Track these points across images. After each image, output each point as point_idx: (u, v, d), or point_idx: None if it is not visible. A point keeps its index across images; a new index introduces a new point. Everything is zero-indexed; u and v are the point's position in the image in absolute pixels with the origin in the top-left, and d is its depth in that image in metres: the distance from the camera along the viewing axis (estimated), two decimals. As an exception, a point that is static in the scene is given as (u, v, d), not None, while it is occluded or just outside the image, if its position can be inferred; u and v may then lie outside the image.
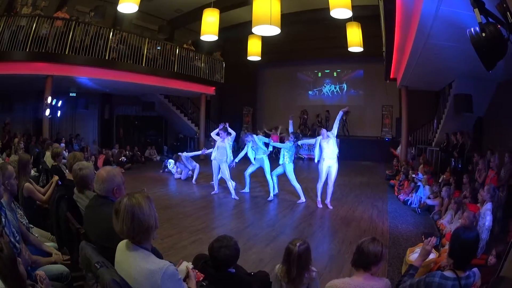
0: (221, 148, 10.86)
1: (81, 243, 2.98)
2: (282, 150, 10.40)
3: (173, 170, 14.64)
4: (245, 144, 11.05)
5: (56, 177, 5.81)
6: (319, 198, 9.99)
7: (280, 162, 10.36)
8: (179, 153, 14.12)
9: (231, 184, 10.95)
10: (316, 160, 9.83)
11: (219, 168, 11.04)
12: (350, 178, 14.86)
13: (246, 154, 11.06)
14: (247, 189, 11.54)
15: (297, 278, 3.36)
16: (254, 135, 11.04)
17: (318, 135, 10.06)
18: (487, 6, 3.57)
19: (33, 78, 13.51)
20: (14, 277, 2.63)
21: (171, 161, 14.95)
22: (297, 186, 10.46)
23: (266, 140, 11.23)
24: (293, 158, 10.45)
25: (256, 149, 10.87)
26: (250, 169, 11.24)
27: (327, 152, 9.63)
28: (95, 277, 2.58)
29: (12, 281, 2.61)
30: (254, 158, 10.96)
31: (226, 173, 10.83)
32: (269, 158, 10.99)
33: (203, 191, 11.77)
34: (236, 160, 11.18)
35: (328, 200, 9.83)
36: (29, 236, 4.11)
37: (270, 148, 11.26)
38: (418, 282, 3.06)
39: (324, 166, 9.66)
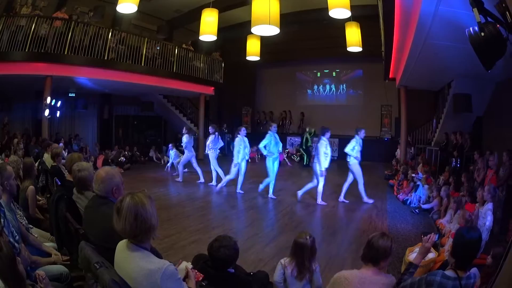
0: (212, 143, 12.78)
1: (80, 244, 2.98)
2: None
3: (174, 158, 15.00)
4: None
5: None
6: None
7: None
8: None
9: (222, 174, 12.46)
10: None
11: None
12: (350, 178, 14.87)
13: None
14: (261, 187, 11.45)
15: (307, 269, 3.42)
16: (275, 133, 10.98)
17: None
18: (486, 6, 3.57)
19: (32, 78, 13.49)
20: (14, 277, 2.64)
21: (172, 152, 15.30)
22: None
23: (279, 143, 11.18)
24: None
25: (268, 144, 10.82)
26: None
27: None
28: (95, 277, 2.58)
29: (12, 280, 2.62)
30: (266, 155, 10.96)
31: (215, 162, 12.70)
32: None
33: (202, 191, 11.79)
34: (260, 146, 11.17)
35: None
36: (29, 236, 4.11)
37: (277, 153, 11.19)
38: (419, 280, 3.06)
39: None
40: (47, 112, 13.92)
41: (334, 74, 25.11)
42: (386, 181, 14.13)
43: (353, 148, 10.35)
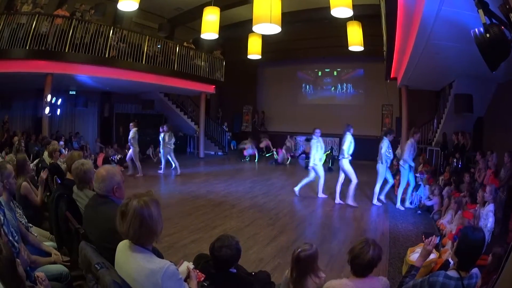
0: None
1: (80, 244, 2.97)
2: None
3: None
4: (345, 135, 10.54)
5: (43, 175, 5.69)
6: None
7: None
8: None
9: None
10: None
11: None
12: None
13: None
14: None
15: (298, 280, 3.32)
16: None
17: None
18: (490, 7, 3.55)
19: (33, 76, 13.44)
20: (13, 278, 2.62)
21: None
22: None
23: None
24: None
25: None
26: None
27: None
28: (95, 278, 2.57)
29: (11, 282, 2.60)
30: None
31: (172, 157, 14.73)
32: None
33: (203, 190, 11.77)
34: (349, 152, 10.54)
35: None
36: (28, 235, 4.09)
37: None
38: (421, 282, 3.06)
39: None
40: (47, 110, 13.88)
41: (335, 73, 24.96)
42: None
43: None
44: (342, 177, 10.50)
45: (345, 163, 10.27)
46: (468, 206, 7.45)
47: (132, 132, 14.05)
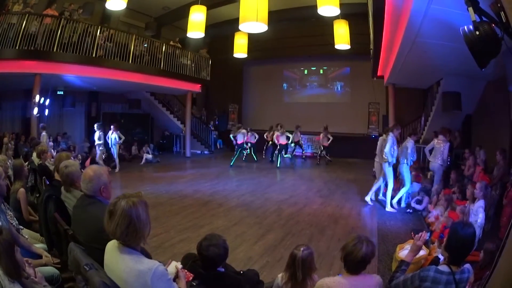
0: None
1: (69, 245, 2.96)
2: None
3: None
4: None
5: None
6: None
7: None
8: None
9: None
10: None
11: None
12: (337, 175, 14.93)
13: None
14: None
15: (302, 281, 3.31)
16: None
17: None
18: (481, 5, 3.56)
19: (21, 77, 13.31)
20: (11, 261, 2.69)
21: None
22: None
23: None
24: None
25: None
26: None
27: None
28: (85, 280, 2.55)
29: (9, 264, 2.67)
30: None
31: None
32: None
33: (190, 189, 11.74)
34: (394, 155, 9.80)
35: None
36: (19, 238, 4.05)
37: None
38: (412, 276, 3.06)
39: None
40: (36, 111, 13.75)
41: (321, 71, 25.02)
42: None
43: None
44: (391, 182, 9.84)
45: (387, 166, 9.87)
46: (458, 202, 7.49)
47: (43, 136, 13.72)
